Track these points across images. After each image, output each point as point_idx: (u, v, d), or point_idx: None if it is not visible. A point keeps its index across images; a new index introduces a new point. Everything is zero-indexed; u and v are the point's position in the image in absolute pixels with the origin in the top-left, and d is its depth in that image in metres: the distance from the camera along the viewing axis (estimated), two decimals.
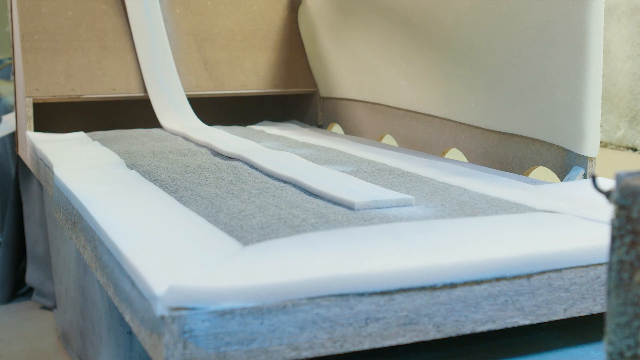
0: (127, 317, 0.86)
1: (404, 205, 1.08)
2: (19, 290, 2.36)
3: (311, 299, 0.76)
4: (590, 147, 1.27)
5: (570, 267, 0.87)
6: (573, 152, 1.30)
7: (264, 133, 1.93)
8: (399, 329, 0.80)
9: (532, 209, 1.05)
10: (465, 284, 0.82)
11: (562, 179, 1.32)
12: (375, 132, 1.93)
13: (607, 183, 1.17)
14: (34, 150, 1.73)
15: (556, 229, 0.96)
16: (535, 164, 1.40)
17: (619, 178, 0.56)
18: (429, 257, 0.84)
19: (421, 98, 1.70)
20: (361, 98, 1.97)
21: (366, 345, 0.79)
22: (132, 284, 0.83)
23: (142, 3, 2.00)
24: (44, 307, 2.25)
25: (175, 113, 2.00)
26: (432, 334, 0.82)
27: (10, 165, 2.36)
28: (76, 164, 1.45)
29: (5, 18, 2.29)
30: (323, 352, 0.77)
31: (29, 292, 2.34)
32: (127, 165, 1.42)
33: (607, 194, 0.58)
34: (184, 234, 0.95)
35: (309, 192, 1.18)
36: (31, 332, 2.08)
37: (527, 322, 0.85)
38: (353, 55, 1.94)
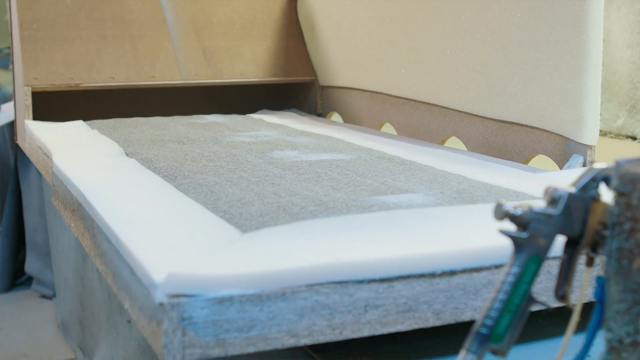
0: (126, 305, 0.86)
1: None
2: (18, 279, 2.36)
3: (310, 286, 0.76)
4: (589, 135, 1.27)
5: None
6: (572, 140, 1.30)
7: (263, 122, 1.92)
8: (398, 316, 0.80)
9: (531, 197, 1.05)
10: (465, 271, 0.82)
11: (561, 167, 1.32)
12: (374, 120, 1.93)
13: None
14: (33, 139, 1.73)
15: None
16: (534, 152, 1.39)
17: (618, 165, 0.56)
18: (428, 244, 0.84)
19: (420, 86, 1.70)
20: (360, 87, 1.96)
21: (365, 332, 0.79)
22: (131, 271, 0.83)
23: None
24: (44, 296, 2.25)
25: None
26: (432, 321, 0.82)
27: (9, 154, 2.36)
28: (75, 152, 1.45)
29: (3, 7, 2.28)
30: (322, 339, 0.77)
31: (28, 281, 2.34)
32: (126, 154, 1.42)
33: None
34: (182, 221, 0.95)
35: (307, 180, 1.17)
36: (31, 321, 2.08)
37: None
38: (352, 43, 1.94)
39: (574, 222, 0.64)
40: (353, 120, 2.03)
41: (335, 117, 2.16)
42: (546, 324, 0.93)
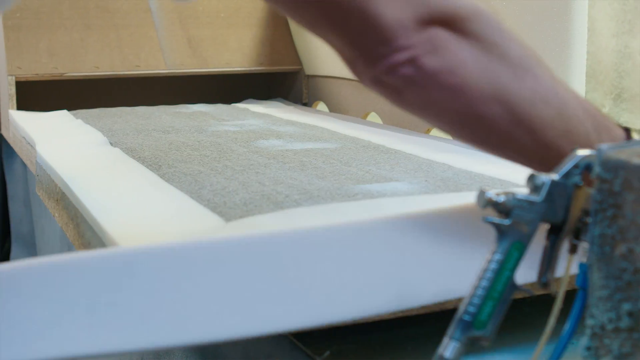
0: None
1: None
2: None
3: None
4: None
5: None
6: None
7: (249, 111, 1.92)
8: None
9: (515, 185, 1.05)
10: None
11: None
12: (360, 109, 1.92)
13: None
14: (17, 128, 1.72)
15: None
16: None
17: (600, 152, 0.56)
18: None
19: None
20: (346, 76, 1.96)
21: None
22: None
23: None
24: None
25: None
26: (416, 309, 0.82)
27: None
28: (59, 142, 1.44)
29: None
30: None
31: None
32: (111, 143, 1.41)
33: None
34: (167, 210, 0.95)
35: (292, 169, 1.17)
36: None
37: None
38: None
39: (557, 209, 0.64)
40: (339, 110, 2.03)
41: (321, 106, 2.16)
42: (531, 311, 0.93)
